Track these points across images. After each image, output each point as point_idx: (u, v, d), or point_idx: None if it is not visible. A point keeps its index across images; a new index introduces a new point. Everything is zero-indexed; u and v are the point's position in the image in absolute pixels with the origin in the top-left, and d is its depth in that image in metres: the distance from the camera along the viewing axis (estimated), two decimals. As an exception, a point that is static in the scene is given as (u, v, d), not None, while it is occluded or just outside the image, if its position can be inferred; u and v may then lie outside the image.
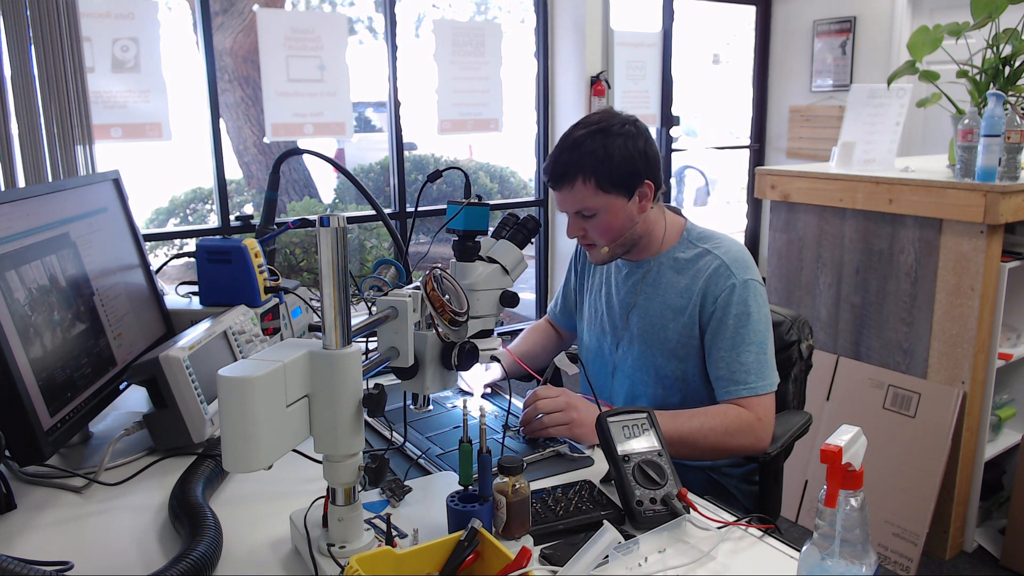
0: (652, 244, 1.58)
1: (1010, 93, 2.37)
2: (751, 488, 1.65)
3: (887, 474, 2.54)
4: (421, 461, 1.27)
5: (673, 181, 5.32)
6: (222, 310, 1.43)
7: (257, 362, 0.83)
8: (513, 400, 1.50)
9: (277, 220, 1.78)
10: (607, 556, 0.94)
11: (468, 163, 7.59)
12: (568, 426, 1.33)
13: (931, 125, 4.64)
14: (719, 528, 1.05)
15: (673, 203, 5.32)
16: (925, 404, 2.49)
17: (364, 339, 1.02)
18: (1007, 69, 2.40)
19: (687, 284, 1.53)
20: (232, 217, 3.75)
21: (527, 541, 0.99)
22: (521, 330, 1.93)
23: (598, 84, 4.61)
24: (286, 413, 0.85)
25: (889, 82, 2.71)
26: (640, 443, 1.14)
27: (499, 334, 1.33)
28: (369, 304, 1.27)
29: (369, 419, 1.39)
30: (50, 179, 2.84)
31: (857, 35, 5.06)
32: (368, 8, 6.14)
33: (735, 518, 1.08)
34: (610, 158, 1.43)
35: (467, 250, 1.30)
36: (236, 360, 1.34)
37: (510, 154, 7.30)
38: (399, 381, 1.12)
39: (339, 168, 1.76)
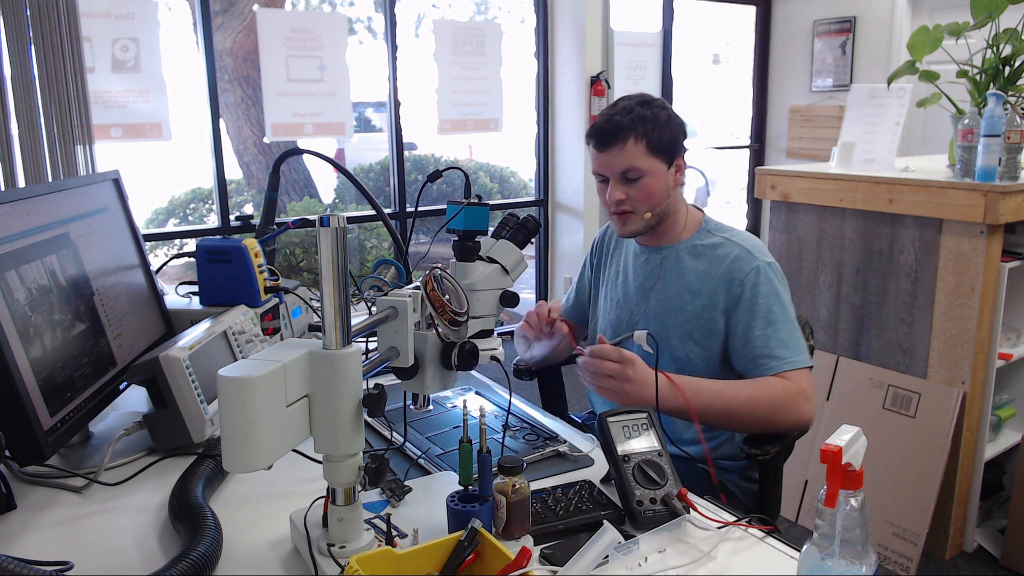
0: (674, 229, 1.63)
1: (1010, 93, 2.37)
2: (751, 487, 1.65)
3: (887, 474, 2.54)
4: (421, 461, 1.27)
5: (673, 181, 5.31)
6: (222, 310, 1.43)
7: (257, 362, 0.83)
8: (513, 400, 1.50)
9: (277, 220, 1.78)
10: (607, 556, 0.94)
11: (468, 163, 7.59)
12: (618, 381, 1.34)
13: (931, 125, 4.64)
14: (719, 528, 1.05)
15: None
16: (925, 404, 2.49)
17: (364, 339, 1.02)
18: (1007, 69, 2.40)
19: (705, 268, 1.58)
20: (232, 217, 3.75)
21: (527, 541, 0.99)
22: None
23: (598, 84, 4.61)
24: (286, 413, 0.85)
25: (889, 82, 2.71)
26: (640, 443, 1.14)
27: (499, 334, 1.33)
28: (369, 304, 1.27)
29: (369, 419, 1.39)
30: (50, 179, 2.84)
31: (857, 35, 5.06)
32: (368, 8, 6.14)
33: (735, 518, 1.08)
34: (659, 123, 1.53)
35: (467, 250, 1.30)
36: (236, 360, 1.34)
37: (510, 154, 7.29)
38: (399, 381, 1.12)
39: (339, 168, 1.76)
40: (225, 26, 5.45)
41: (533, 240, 1.38)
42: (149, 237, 3.89)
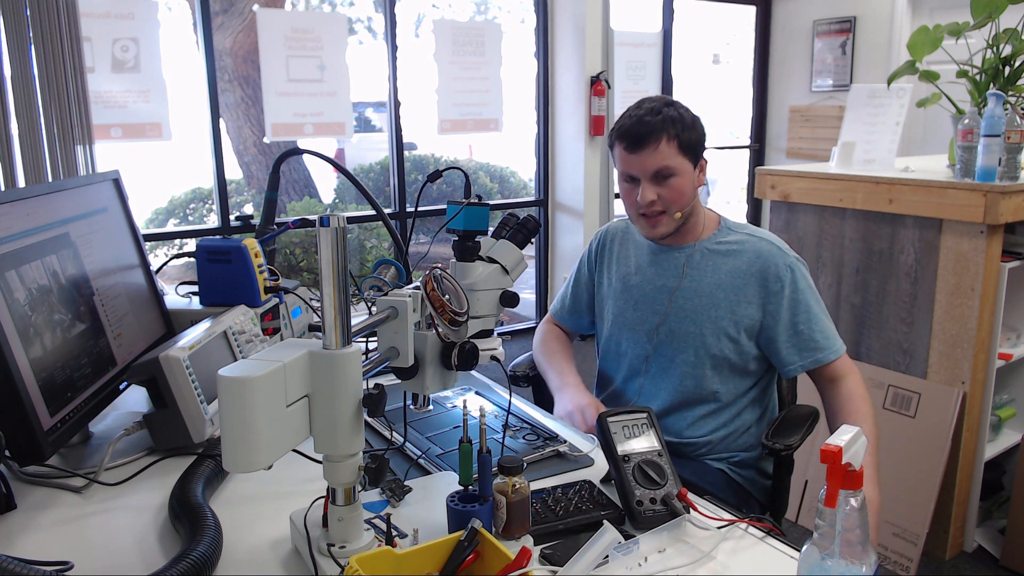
0: (695, 229, 1.65)
1: (1010, 93, 2.37)
2: (764, 482, 1.66)
3: (887, 474, 2.54)
4: (421, 461, 1.27)
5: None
6: (222, 310, 1.43)
7: (257, 362, 0.83)
8: (513, 400, 1.50)
9: (277, 220, 1.78)
10: (607, 556, 0.94)
11: (468, 163, 7.58)
12: None
13: (931, 125, 4.64)
14: (719, 528, 1.05)
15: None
16: (925, 404, 2.49)
17: (364, 339, 1.02)
18: (1007, 69, 2.40)
19: (736, 265, 1.60)
20: (232, 217, 3.75)
21: (527, 541, 0.99)
22: (521, 330, 1.92)
23: (598, 84, 4.61)
24: (286, 413, 0.85)
25: (889, 82, 2.71)
26: (640, 443, 1.14)
27: (499, 334, 1.33)
28: (369, 304, 1.27)
29: (369, 419, 1.39)
30: (50, 179, 2.84)
31: (857, 35, 5.06)
32: (368, 8, 6.13)
33: (735, 517, 1.08)
34: (687, 124, 1.55)
35: (467, 250, 1.29)
36: (236, 360, 1.34)
37: (510, 154, 7.29)
38: (399, 381, 1.12)
39: (339, 168, 1.76)
40: (225, 26, 5.45)
41: (533, 240, 1.38)
42: (149, 237, 3.89)
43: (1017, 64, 2.39)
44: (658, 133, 1.52)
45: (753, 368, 1.62)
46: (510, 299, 1.30)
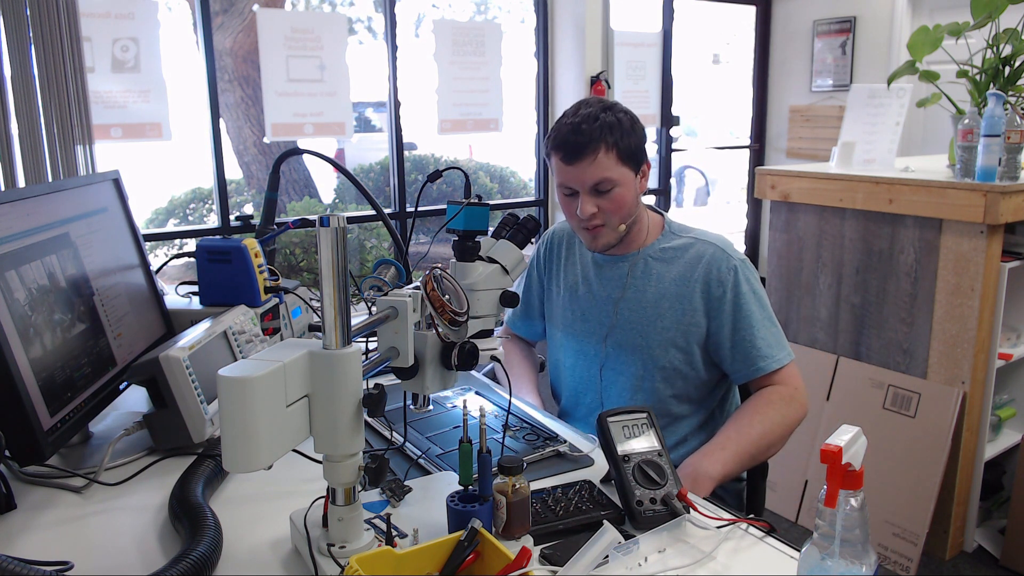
0: (639, 236, 1.59)
1: (1010, 93, 2.38)
2: (737, 486, 1.65)
3: (887, 474, 2.54)
4: (421, 461, 1.27)
5: (673, 181, 5.32)
6: (222, 310, 1.43)
7: (257, 362, 0.83)
8: (513, 400, 1.50)
9: (277, 220, 1.78)
10: (607, 556, 0.94)
11: (468, 163, 7.58)
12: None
13: (931, 125, 4.64)
14: (719, 528, 1.05)
15: (673, 203, 5.33)
16: (925, 404, 2.49)
17: (364, 339, 1.02)
18: (1007, 69, 2.40)
19: (681, 272, 1.54)
20: (232, 217, 3.75)
21: (527, 541, 0.99)
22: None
23: (598, 84, 4.61)
24: (286, 413, 0.85)
25: (889, 82, 2.71)
26: (640, 443, 1.14)
27: (499, 334, 1.33)
28: (369, 304, 1.27)
29: (369, 419, 1.39)
30: (50, 179, 2.84)
31: (857, 35, 5.06)
32: (368, 8, 6.14)
33: (735, 517, 1.08)
34: (625, 129, 1.47)
35: (467, 250, 1.29)
36: (236, 360, 1.34)
37: (510, 154, 7.29)
38: (399, 381, 1.12)
39: (339, 168, 1.76)
40: (225, 26, 5.45)
41: (533, 240, 1.38)
42: (149, 237, 3.89)
43: (1017, 64, 2.39)
44: (595, 143, 1.44)
45: (706, 377, 1.56)
46: (510, 299, 1.29)
